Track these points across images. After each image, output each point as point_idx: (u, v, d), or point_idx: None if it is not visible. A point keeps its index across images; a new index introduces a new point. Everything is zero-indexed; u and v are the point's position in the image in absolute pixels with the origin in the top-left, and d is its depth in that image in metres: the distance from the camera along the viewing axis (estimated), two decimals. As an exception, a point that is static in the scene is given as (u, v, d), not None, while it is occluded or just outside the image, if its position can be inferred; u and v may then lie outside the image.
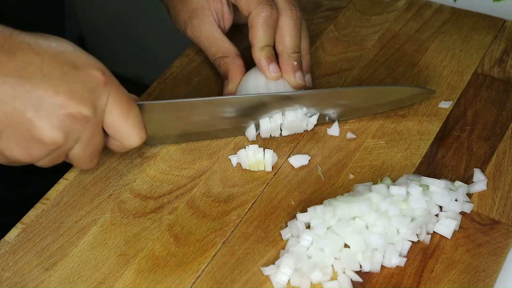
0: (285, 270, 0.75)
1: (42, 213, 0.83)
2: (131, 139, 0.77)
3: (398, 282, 0.75)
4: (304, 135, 0.90)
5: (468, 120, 0.91)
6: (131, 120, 0.76)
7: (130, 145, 0.78)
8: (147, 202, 0.84)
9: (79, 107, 0.71)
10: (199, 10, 0.94)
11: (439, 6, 1.08)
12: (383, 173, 0.85)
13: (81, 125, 0.72)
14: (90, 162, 0.78)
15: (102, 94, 0.73)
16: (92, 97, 0.72)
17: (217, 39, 0.93)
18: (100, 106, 0.73)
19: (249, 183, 0.85)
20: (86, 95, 0.72)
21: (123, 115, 0.75)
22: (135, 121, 0.77)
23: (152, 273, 0.77)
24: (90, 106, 0.72)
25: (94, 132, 0.74)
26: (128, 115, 0.76)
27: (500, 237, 0.79)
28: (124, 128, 0.76)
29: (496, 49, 1.00)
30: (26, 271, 0.78)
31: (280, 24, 0.90)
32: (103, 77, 0.73)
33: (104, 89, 0.73)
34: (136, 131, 0.77)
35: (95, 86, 0.72)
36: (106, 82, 0.73)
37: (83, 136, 0.73)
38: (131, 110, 0.76)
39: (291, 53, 0.90)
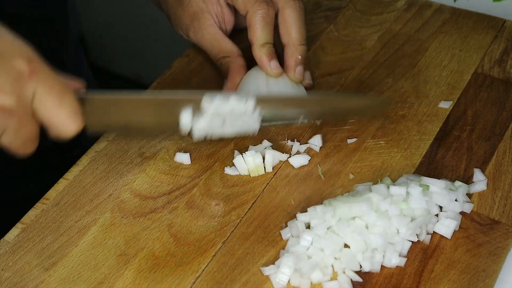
0: (285, 270, 0.75)
1: (42, 213, 0.83)
2: (66, 128, 0.74)
3: (398, 282, 0.75)
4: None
5: (468, 120, 0.91)
6: (64, 109, 0.73)
7: (66, 133, 0.75)
8: (147, 202, 0.84)
9: (0, 98, 0.68)
10: (199, 14, 0.94)
11: (439, 6, 1.08)
12: (383, 173, 0.85)
13: (4, 116, 0.70)
14: (24, 149, 0.74)
15: (27, 85, 0.70)
16: (15, 87, 0.69)
17: (219, 40, 0.94)
18: (26, 96, 0.70)
19: (249, 183, 0.85)
20: (8, 85, 0.69)
21: (54, 105, 0.72)
22: (69, 111, 0.73)
23: (152, 273, 0.77)
24: (12, 96, 0.69)
25: (21, 122, 0.71)
26: (61, 105, 0.72)
27: (500, 237, 0.79)
28: (57, 118, 0.73)
29: (496, 49, 1.00)
30: (26, 271, 0.78)
31: (285, 16, 0.91)
32: (28, 67, 0.70)
33: (30, 80, 0.70)
34: (71, 120, 0.74)
35: (19, 76, 0.69)
36: (32, 72, 0.70)
37: (9, 126, 0.71)
38: (63, 99, 0.73)
39: (298, 45, 0.90)
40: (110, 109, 0.80)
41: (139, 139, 0.90)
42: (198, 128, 0.82)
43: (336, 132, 0.90)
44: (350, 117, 0.91)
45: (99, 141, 0.90)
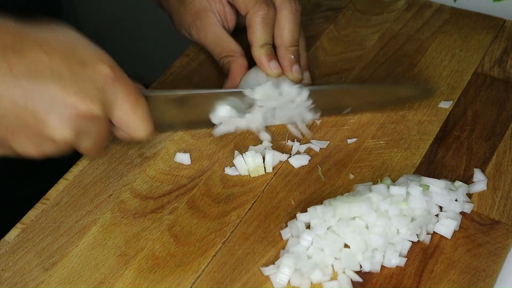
0: (285, 270, 0.75)
1: (42, 213, 0.83)
2: (139, 132, 0.78)
3: (398, 282, 0.75)
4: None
5: (468, 120, 0.91)
6: (139, 114, 0.77)
7: (138, 137, 0.79)
8: (147, 202, 0.84)
9: (89, 106, 0.72)
10: (202, 13, 0.94)
11: (439, 6, 1.08)
12: (383, 173, 0.85)
13: (91, 122, 0.73)
14: (97, 152, 0.79)
15: (111, 91, 0.74)
16: (101, 94, 0.73)
17: (222, 39, 0.94)
18: (109, 102, 0.74)
19: (249, 183, 0.85)
20: (96, 93, 0.72)
21: (131, 110, 0.76)
22: (142, 115, 0.77)
23: (152, 273, 0.77)
24: (99, 104, 0.73)
25: (103, 126, 0.75)
26: (136, 109, 0.76)
27: (500, 237, 0.79)
28: (132, 122, 0.77)
29: (496, 49, 1.00)
30: (26, 271, 0.78)
31: (279, 18, 0.91)
32: (112, 73, 0.73)
33: (113, 86, 0.74)
34: (144, 124, 0.78)
35: (104, 83, 0.73)
36: (115, 78, 0.74)
37: (93, 131, 0.74)
38: (138, 104, 0.76)
39: (288, 47, 0.91)
40: (171, 107, 0.86)
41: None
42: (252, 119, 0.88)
43: (336, 132, 0.90)
44: (395, 105, 0.93)
45: (99, 141, 0.90)
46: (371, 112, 0.92)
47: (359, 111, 0.92)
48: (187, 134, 0.91)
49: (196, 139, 0.90)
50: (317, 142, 0.89)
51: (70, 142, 0.73)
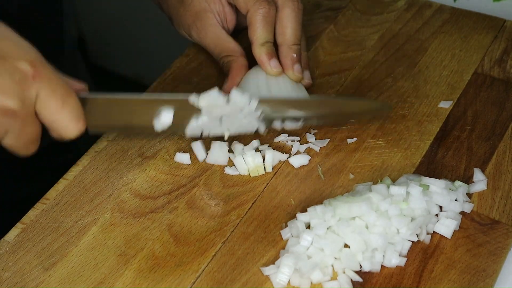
0: (285, 270, 0.75)
1: (42, 213, 0.83)
2: (69, 130, 0.75)
3: (398, 282, 0.75)
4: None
5: (468, 120, 0.91)
6: (66, 112, 0.73)
7: (68, 135, 0.75)
8: (147, 202, 0.84)
9: (3, 101, 0.69)
10: (201, 13, 0.94)
11: (439, 6, 1.08)
12: (383, 173, 0.85)
13: (8, 118, 0.70)
14: (26, 150, 0.75)
15: (30, 87, 0.70)
16: (19, 90, 0.70)
17: (222, 39, 0.94)
18: (29, 99, 0.71)
19: (249, 183, 0.85)
20: (12, 88, 0.69)
21: (57, 108, 0.73)
22: (71, 113, 0.74)
23: (152, 273, 0.77)
24: (16, 99, 0.69)
25: (24, 123, 0.72)
26: (63, 108, 0.73)
27: (500, 237, 0.79)
28: (59, 120, 0.73)
29: (496, 49, 1.00)
30: (26, 271, 0.78)
31: (281, 16, 0.91)
32: (31, 70, 0.70)
33: (33, 82, 0.70)
34: (73, 123, 0.74)
35: (22, 78, 0.70)
36: (35, 74, 0.70)
37: (12, 128, 0.71)
38: (66, 102, 0.73)
39: (291, 45, 0.91)
40: (111, 110, 0.81)
41: (139, 138, 0.90)
42: (192, 126, 0.82)
43: (336, 132, 0.90)
44: (350, 120, 0.91)
45: (99, 141, 0.90)
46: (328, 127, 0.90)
47: (313, 124, 0.90)
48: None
49: (196, 139, 0.90)
50: (317, 142, 0.89)
51: None
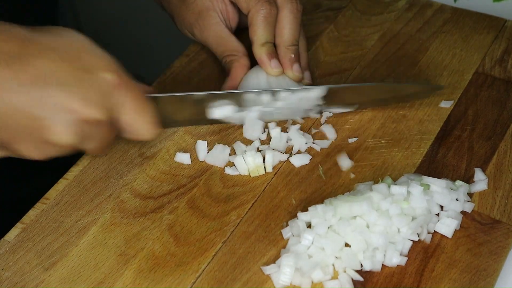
0: (286, 270, 0.75)
1: (42, 213, 0.83)
2: (145, 135, 0.78)
3: (399, 281, 0.75)
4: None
5: (469, 119, 0.91)
6: (145, 117, 0.77)
7: (144, 138, 0.79)
8: (147, 202, 0.84)
9: (92, 112, 0.72)
10: (204, 12, 0.94)
11: (439, 6, 1.08)
12: (384, 173, 0.85)
13: (95, 127, 0.73)
14: (102, 152, 0.80)
15: (116, 97, 0.74)
16: (105, 100, 0.73)
17: (225, 38, 0.94)
18: (115, 107, 0.74)
19: (249, 182, 0.85)
20: (100, 99, 0.72)
21: (137, 115, 0.76)
22: (148, 118, 0.77)
23: (152, 273, 0.77)
24: (103, 109, 0.72)
25: (107, 130, 0.75)
26: (142, 113, 0.76)
27: (501, 236, 0.79)
28: (138, 125, 0.77)
29: (497, 49, 1.00)
30: (26, 271, 0.78)
31: (280, 17, 0.91)
32: (116, 80, 0.73)
33: (118, 92, 0.74)
34: (150, 126, 0.78)
35: (108, 89, 0.73)
36: (120, 84, 0.74)
37: (97, 136, 0.74)
38: (144, 108, 0.77)
39: (288, 46, 0.91)
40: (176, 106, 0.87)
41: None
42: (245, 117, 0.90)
43: (337, 131, 0.90)
44: (403, 102, 0.93)
45: (99, 141, 0.90)
46: (376, 109, 0.92)
47: (365, 108, 0.92)
48: (187, 134, 0.91)
49: (196, 138, 0.90)
50: (318, 142, 0.89)
51: (74, 146, 0.73)
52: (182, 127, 0.91)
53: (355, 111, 0.92)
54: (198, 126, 0.91)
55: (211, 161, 0.87)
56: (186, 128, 0.91)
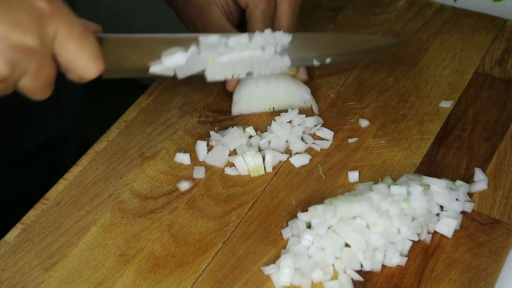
0: (285, 270, 0.75)
1: (42, 213, 0.83)
2: (88, 71, 0.73)
3: (399, 281, 0.75)
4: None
5: (469, 119, 0.91)
6: (85, 51, 0.72)
7: (87, 76, 0.74)
8: (147, 202, 0.84)
9: (22, 37, 0.67)
10: (206, 6, 0.95)
11: (439, 6, 1.08)
12: (384, 173, 0.85)
13: (26, 56, 0.69)
14: (42, 93, 0.74)
15: (48, 25, 0.69)
16: (37, 27, 0.68)
17: (227, 32, 0.94)
18: (47, 37, 0.70)
19: (249, 183, 0.85)
20: (30, 25, 0.68)
21: (76, 47, 0.71)
22: (90, 53, 0.73)
23: (152, 273, 0.77)
24: (34, 36, 0.68)
25: (42, 63, 0.70)
26: (82, 46, 0.72)
27: (501, 236, 0.79)
28: (78, 60, 0.72)
29: (497, 49, 1.00)
30: (26, 271, 0.78)
31: (277, 11, 0.92)
32: (49, 7, 0.69)
33: (51, 20, 0.69)
34: (92, 63, 0.73)
35: (40, 16, 0.69)
36: (53, 12, 0.69)
37: (30, 67, 0.70)
38: (84, 41, 0.72)
39: None
40: (126, 50, 0.80)
41: (139, 137, 0.90)
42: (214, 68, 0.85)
43: (337, 131, 0.90)
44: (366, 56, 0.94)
45: (99, 141, 0.90)
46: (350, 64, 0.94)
47: (339, 61, 0.92)
48: (187, 134, 0.91)
49: (196, 139, 0.90)
50: (318, 142, 0.89)
51: (5, 76, 0.68)
52: (182, 128, 0.91)
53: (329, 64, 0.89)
54: (198, 126, 0.91)
55: (211, 161, 0.87)
56: (186, 128, 0.91)
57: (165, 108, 0.95)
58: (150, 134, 0.91)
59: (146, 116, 0.94)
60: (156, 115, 0.94)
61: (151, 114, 0.94)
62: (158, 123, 0.92)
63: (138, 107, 0.95)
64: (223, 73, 0.86)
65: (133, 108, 0.95)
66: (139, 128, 0.92)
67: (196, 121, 0.92)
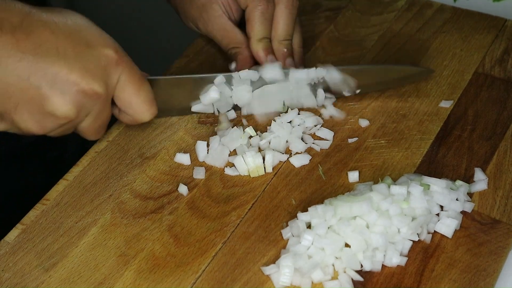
0: (285, 270, 0.75)
1: (42, 214, 0.83)
2: (143, 114, 0.81)
3: (399, 281, 0.75)
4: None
5: (469, 119, 0.91)
6: (142, 96, 0.79)
7: (142, 119, 0.82)
8: (147, 203, 0.84)
9: (91, 84, 0.74)
10: (207, 5, 0.95)
11: (439, 6, 1.08)
12: (384, 173, 0.85)
13: (93, 100, 0.75)
14: (97, 134, 0.82)
15: (114, 72, 0.76)
16: (104, 74, 0.75)
17: (229, 31, 0.95)
18: (112, 83, 0.76)
19: (249, 183, 0.85)
20: (99, 72, 0.75)
21: (134, 92, 0.79)
22: (146, 97, 0.80)
23: (152, 273, 0.77)
24: (102, 83, 0.75)
25: (104, 106, 0.77)
26: (140, 91, 0.79)
27: (501, 236, 0.79)
28: (136, 104, 0.80)
29: (497, 49, 1.00)
30: (26, 272, 0.78)
31: (275, 12, 0.93)
32: (115, 56, 0.76)
33: (117, 68, 0.76)
34: (147, 106, 0.81)
35: (107, 64, 0.75)
36: (119, 61, 0.76)
37: (94, 110, 0.77)
38: (142, 87, 0.79)
39: (281, 40, 0.93)
40: (172, 92, 0.89)
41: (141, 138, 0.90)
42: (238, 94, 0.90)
43: (337, 131, 0.90)
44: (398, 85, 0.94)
45: (99, 142, 0.90)
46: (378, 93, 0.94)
47: (368, 92, 0.93)
48: (187, 135, 0.91)
49: (196, 139, 0.90)
50: (318, 142, 0.89)
51: (71, 118, 0.75)
52: (182, 128, 0.91)
53: (358, 95, 0.93)
54: (198, 126, 0.91)
55: (211, 161, 0.87)
56: (186, 129, 0.91)
57: (165, 108, 0.95)
58: (150, 134, 0.91)
59: (146, 116, 0.94)
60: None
61: (151, 114, 0.94)
62: (158, 123, 0.92)
63: (138, 107, 0.95)
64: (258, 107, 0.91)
65: (133, 108, 0.95)
66: (139, 128, 0.92)
67: (196, 121, 0.92)
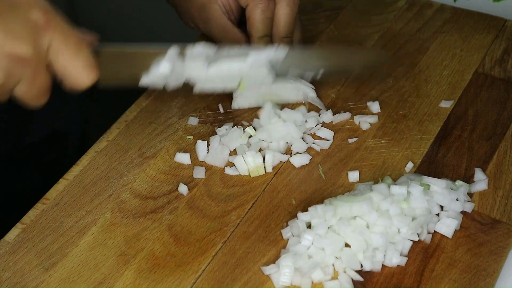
0: (285, 270, 0.75)
1: (42, 213, 0.83)
2: (82, 79, 0.75)
3: (399, 281, 0.75)
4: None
5: (469, 119, 0.91)
6: (79, 61, 0.74)
7: (82, 85, 0.76)
8: (147, 202, 0.84)
9: (16, 46, 0.70)
10: (207, 5, 0.95)
11: (439, 6, 1.08)
12: (384, 173, 0.85)
13: (20, 64, 0.71)
14: (37, 100, 0.76)
15: (43, 36, 0.71)
16: (31, 37, 0.70)
17: (229, 31, 0.95)
18: (42, 47, 0.72)
19: (249, 183, 0.85)
20: (24, 35, 0.70)
21: (70, 56, 0.73)
22: (84, 62, 0.75)
23: (152, 273, 0.77)
24: (29, 46, 0.70)
25: (37, 72, 0.72)
26: (76, 56, 0.74)
27: (501, 236, 0.79)
28: (73, 69, 0.74)
29: (497, 49, 1.00)
30: (26, 271, 0.78)
31: (276, 9, 0.93)
32: (43, 18, 0.71)
33: (46, 31, 0.71)
34: (86, 72, 0.75)
35: (35, 26, 0.71)
36: (48, 23, 0.71)
37: (25, 76, 0.72)
38: (79, 51, 0.74)
39: (282, 37, 0.92)
40: (121, 63, 0.83)
41: (140, 136, 0.90)
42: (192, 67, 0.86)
43: (337, 131, 0.90)
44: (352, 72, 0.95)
45: (99, 141, 0.90)
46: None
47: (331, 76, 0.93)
48: (188, 134, 0.91)
49: (196, 139, 0.90)
50: (318, 142, 0.89)
51: (1, 83, 0.71)
52: (182, 128, 0.91)
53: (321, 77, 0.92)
54: (198, 126, 0.91)
55: (211, 161, 0.87)
56: (186, 128, 0.91)
57: (165, 108, 0.95)
58: (150, 134, 0.91)
59: (146, 116, 0.94)
60: (156, 115, 0.94)
61: (151, 114, 0.94)
62: (158, 123, 0.92)
63: (138, 107, 0.95)
64: (212, 85, 0.88)
65: (133, 108, 0.95)
66: (139, 128, 0.92)
67: (196, 121, 0.92)
